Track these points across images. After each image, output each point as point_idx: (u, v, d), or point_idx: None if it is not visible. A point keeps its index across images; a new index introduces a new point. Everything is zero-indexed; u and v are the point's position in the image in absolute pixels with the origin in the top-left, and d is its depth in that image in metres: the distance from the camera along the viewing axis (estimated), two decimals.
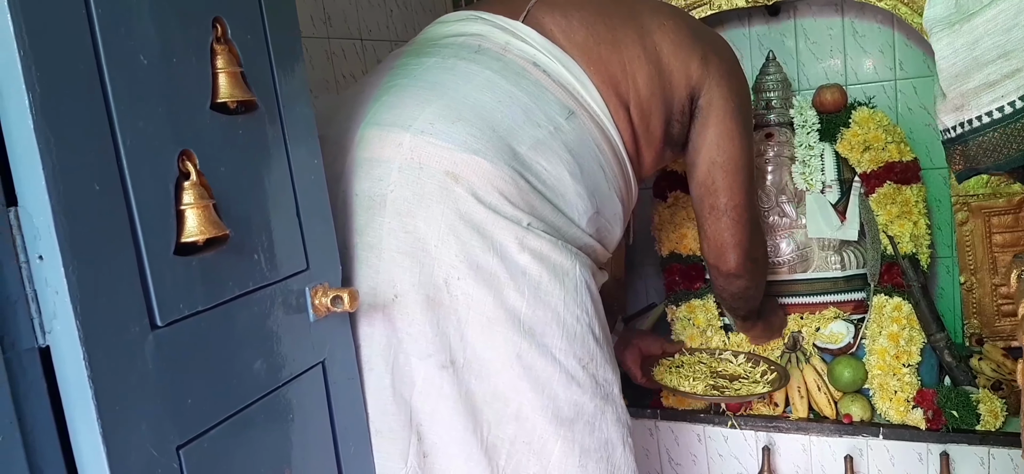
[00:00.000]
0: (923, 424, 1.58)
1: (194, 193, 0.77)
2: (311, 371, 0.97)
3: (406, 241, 1.07)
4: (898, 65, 1.89)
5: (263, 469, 0.88)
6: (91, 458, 0.69)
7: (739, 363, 1.78)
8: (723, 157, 1.42)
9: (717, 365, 1.78)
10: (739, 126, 1.43)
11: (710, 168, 1.43)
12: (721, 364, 1.79)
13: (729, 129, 1.41)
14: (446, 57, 1.24)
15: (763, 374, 1.72)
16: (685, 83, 1.39)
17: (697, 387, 1.67)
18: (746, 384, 1.70)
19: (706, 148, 1.43)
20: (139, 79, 0.73)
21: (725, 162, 1.42)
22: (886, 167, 1.76)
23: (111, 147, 0.70)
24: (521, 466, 1.12)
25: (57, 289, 0.66)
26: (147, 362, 0.73)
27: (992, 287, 1.78)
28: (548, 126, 1.19)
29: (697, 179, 1.46)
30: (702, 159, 1.44)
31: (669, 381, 1.71)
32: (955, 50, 1.08)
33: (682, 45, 1.38)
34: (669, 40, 1.37)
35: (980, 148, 1.09)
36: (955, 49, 1.08)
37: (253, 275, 0.87)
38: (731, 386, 1.69)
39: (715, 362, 1.80)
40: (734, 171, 1.43)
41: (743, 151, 1.44)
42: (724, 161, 1.42)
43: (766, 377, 1.70)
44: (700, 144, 1.43)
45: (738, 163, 1.43)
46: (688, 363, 1.80)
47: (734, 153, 1.43)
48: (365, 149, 1.11)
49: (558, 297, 1.12)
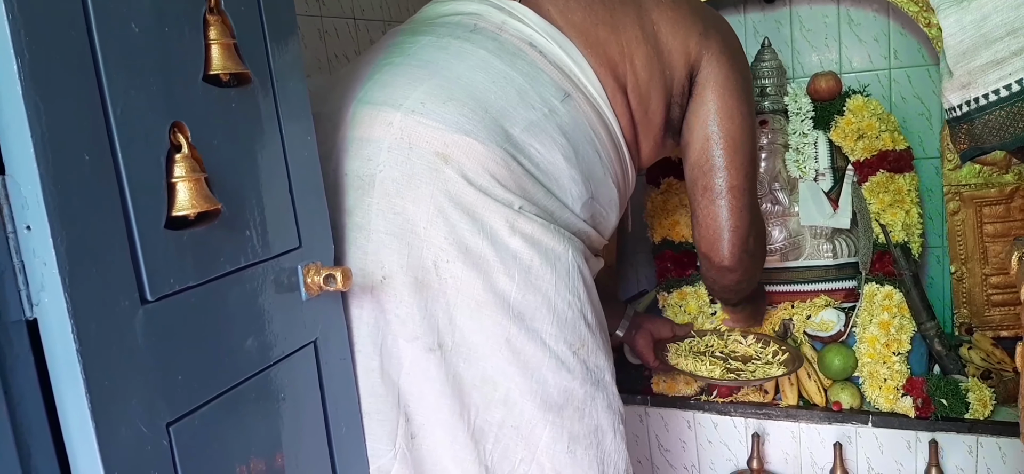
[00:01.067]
0: (912, 412, 1.59)
1: (186, 166, 0.75)
2: (303, 350, 0.96)
3: (395, 222, 1.06)
4: (892, 54, 1.90)
5: (254, 448, 0.87)
6: (79, 433, 0.68)
7: (749, 343, 1.77)
8: (719, 133, 1.35)
9: (727, 347, 1.77)
10: (739, 103, 1.36)
11: (705, 145, 1.36)
12: (731, 345, 1.77)
13: (728, 105, 1.35)
14: (441, 36, 1.22)
15: (775, 355, 1.70)
16: (684, 61, 1.34)
17: (714, 372, 1.65)
18: (760, 366, 1.68)
19: (701, 125, 1.36)
20: (131, 47, 0.71)
21: (722, 138, 1.35)
22: (879, 155, 1.76)
23: (101, 116, 0.68)
24: (509, 451, 1.11)
25: (45, 260, 0.65)
26: (137, 337, 0.71)
27: (982, 277, 1.79)
28: (543, 108, 1.17)
29: (691, 159, 1.39)
30: (697, 136, 1.37)
31: (685, 366, 1.67)
32: (963, 27, 1.07)
33: (681, 22, 1.33)
34: (668, 18, 1.33)
35: (986, 127, 1.08)
36: (963, 26, 1.07)
37: (245, 251, 0.85)
38: (746, 368, 1.68)
39: (724, 343, 1.78)
40: (732, 149, 1.36)
41: (743, 130, 1.37)
42: (721, 137, 1.35)
43: (778, 358, 1.69)
44: (694, 122, 1.36)
45: (737, 141, 1.36)
46: (699, 346, 1.78)
47: (732, 130, 1.35)
48: (356, 128, 1.10)
49: (549, 282, 1.11)
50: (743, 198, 1.38)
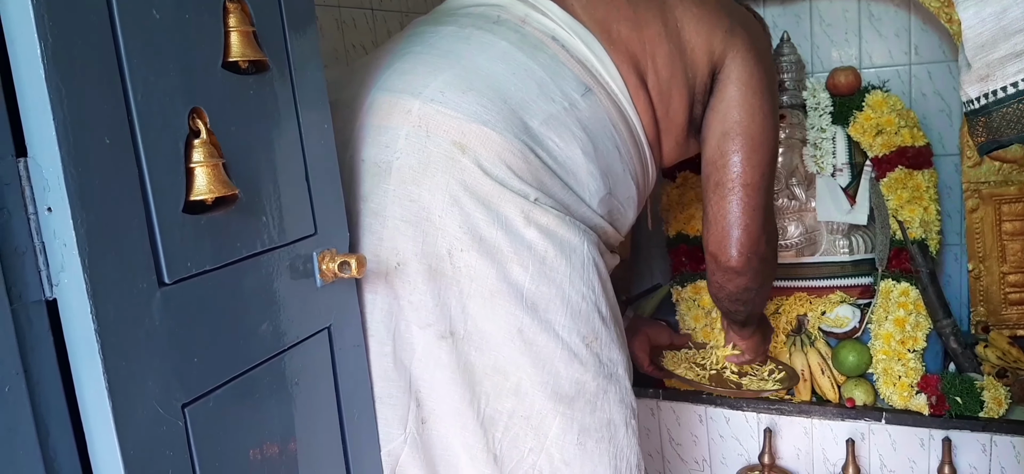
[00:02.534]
0: (926, 410, 1.58)
1: (204, 151, 0.76)
2: (317, 336, 0.97)
3: (410, 209, 1.07)
4: (913, 50, 1.88)
5: (267, 431, 0.88)
6: (96, 412, 0.69)
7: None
8: (738, 129, 1.30)
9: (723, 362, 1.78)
10: (762, 102, 1.31)
11: (722, 140, 1.31)
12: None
13: (749, 102, 1.30)
14: (463, 26, 1.22)
15: (771, 373, 1.71)
16: (707, 59, 1.30)
17: (703, 378, 1.65)
18: (754, 380, 1.69)
19: (719, 120, 1.31)
20: (151, 33, 0.72)
21: (739, 134, 1.30)
22: (898, 152, 1.75)
23: (122, 100, 0.69)
24: (518, 440, 1.11)
25: (65, 241, 0.66)
26: (154, 319, 0.73)
27: (1000, 275, 1.78)
28: (563, 102, 1.16)
29: (707, 155, 1.34)
30: (714, 131, 1.32)
31: (680, 371, 1.68)
32: (982, 19, 1.06)
33: (705, 19, 1.29)
34: (692, 14, 1.29)
35: (1004, 119, 1.07)
36: (982, 18, 1.06)
37: (261, 237, 0.86)
38: (741, 380, 1.68)
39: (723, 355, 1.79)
40: (749, 146, 1.30)
41: (763, 129, 1.31)
42: (739, 134, 1.30)
43: (774, 375, 1.69)
44: (713, 117, 1.32)
45: (755, 140, 1.30)
46: (696, 357, 1.79)
47: (752, 128, 1.30)
48: (374, 115, 1.11)
49: (564, 273, 1.11)
50: (757, 196, 1.32)
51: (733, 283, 1.39)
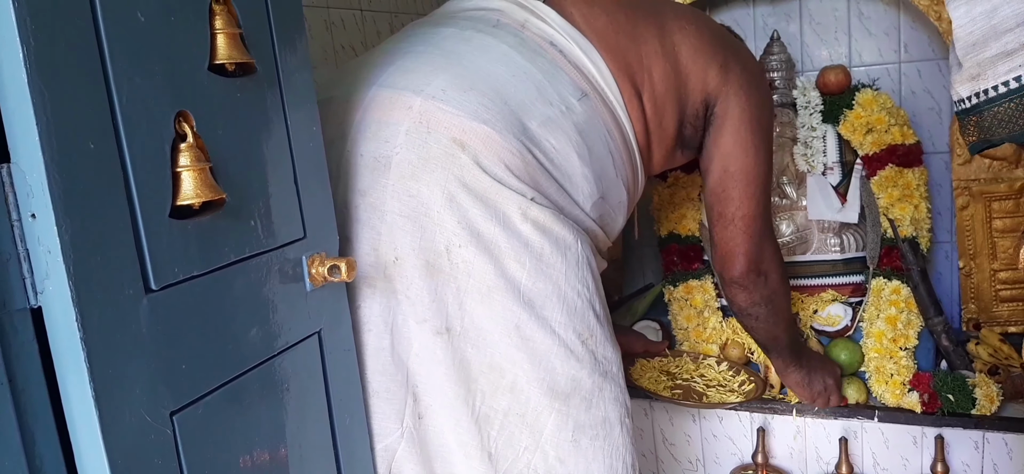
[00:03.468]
0: (918, 407, 1.58)
1: (191, 155, 0.75)
2: (307, 341, 0.96)
3: (409, 204, 1.07)
4: (903, 48, 1.88)
5: (258, 437, 0.87)
6: (83, 421, 0.68)
7: (720, 370, 1.78)
8: (735, 167, 1.39)
9: (696, 369, 1.79)
10: (755, 137, 1.40)
11: (722, 177, 1.41)
12: (701, 368, 1.80)
13: (743, 140, 1.38)
14: (463, 28, 1.24)
15: (741, 384, 1.72)
16: (701, 90, 1.37)
17: (666, 389, 1.70)
18: (720, 392, 1.70)
19: (719, 157, 1.40)
20: (136, 36, 0.71)
21: (737, 172, 1.39)
22: (888, 150, 1.75)
23: (106, 105, 0.68)
24: (513, 438, 1.11)
25: (50, 248, 0.65)
26: (141, 325, 0.72)
27: (991, 272, 1.78)
28: (560, 105, 1.18)
29: (709, 187, 1.44)
30: (715, 168, 1.41)
31: (643, 382, 1.73)
32: (973, 18, 1.07)
33: (702, 51, 1.35)
34: (689, 44, 1.35)
35: (995, 118, 1.08)
36: (973, 17, 1.07)
37: (250, 241, 0.85)
38: (706, 393, 1.70)
39: (696, 366, 1.80)
40: (745, 182, 1.40)
41: (758, 163, 1.40)
42: (736, 171, 1.39)
43: (743, 387, 1.71)
44: (714, 153, 1.41)
45: (751, 174, 1.40)
46: (667, 364, 1.82)
47: (747, 164, 1.39)
48: (375, 110, 1.11)
49: (560, 270, 1.12)
50: (754, 224, 1.42)
51: (740, 297, 1.49)
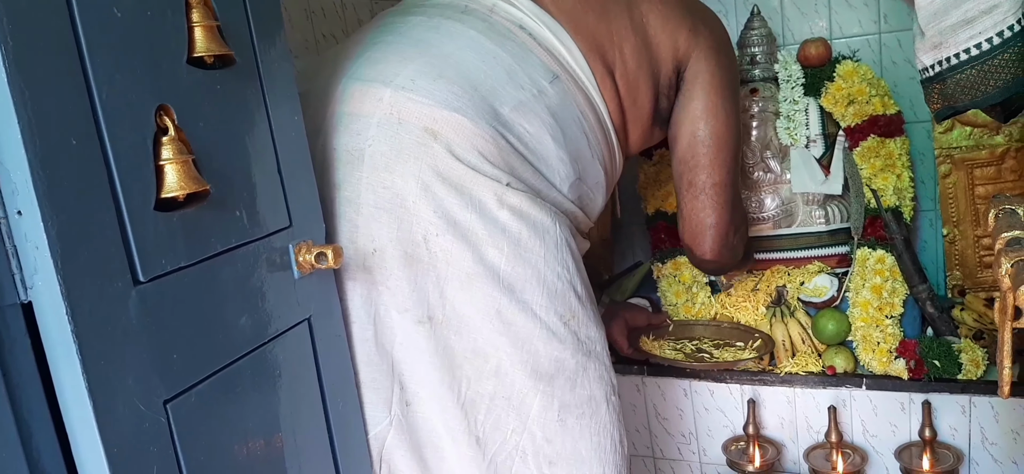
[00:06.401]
0: (905, 374, 1.60)
1: (173, 148, 0.76)
2: (297, 328, 0.97)
3: (384, 196, 1.08)
4: (882, 18, 1.89)
5: (251, 424, 0.89)
6: (78, 412, 0.69)
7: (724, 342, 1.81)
8: (705, 131, 1.39)
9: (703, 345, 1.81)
10: (725, 101, 1.39)
11: (691, 142, 1.40)
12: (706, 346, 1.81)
13: (713, 104, 1.38)
14: (432, 16, 1.24)
15: (748, 343, 1.74)
16: (672, 55, 1.36)
17: (679, 356, 1.72)
18: (732, 351, 1.73)
19: (688, 121, 1.39)
20: (113, 32, 0.72)
21: (707, 136, 1.39)
22: (870, 120, 1.77)
23: (87, 101, 0.69)
24: (500, 422, 1.13)
25: (37, 244, 0.66)
26: (131, 317, 0.73)
27: (975, 239, 1.80)
28: (531, 88, 1.18)
29: (677, 154, 1.43)
30: (684, 132, 1.40)
31: (655, 349, 1.75)
32: None
33: (670, 17, 1.35)
34: (657, 12, 1.35)
35: (958, 86, 1.09)
36: None
37: (235, 231, 0.87)
38: (716, 353, 1.72)
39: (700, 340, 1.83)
40: (716, 147, 1.39)
41: (727, 128, 1.40)
42: (706, 136, 1.39)
43: (751, 344, 1.73)
44: (682, 117, 1.40)
45: (721, 139, 1.40)
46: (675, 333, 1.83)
47: (717, 128, 1.39)
48: (346, 104, 1.11)
49: (539, 254, 1.13)
50: (725, 193, 1.43)
51: (710, 266, 1.56)
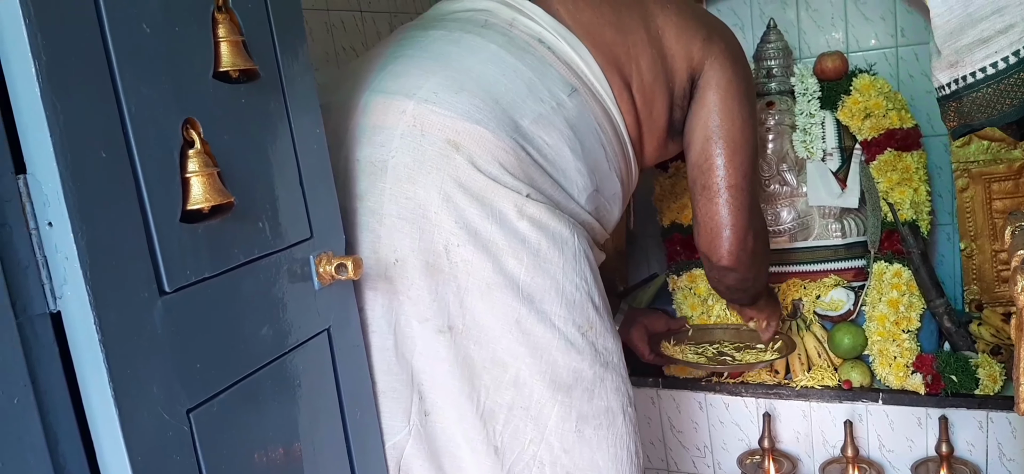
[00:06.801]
0: (922, 389, 1.60)
1: (199, 161, 0.78)
2: (317, 338, 0.98)
3: (406, 206, 1.09)
4: (899, 32, 1.89)
5: (272, 433, 0.90)
6: (104, 420, 0.70)
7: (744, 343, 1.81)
8: (719, 133, 1.38)
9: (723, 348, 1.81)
10: (740, 106, 1.39)
11: (705, 144, 1.39)
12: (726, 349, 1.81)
13: (727, 107, 1.37)
14: (452, 30, 1.26)
15: (771, 343, 1.74)
16: (686, 65, 1.37)
17: (702, 359, 1.71)
18: (753, 353, 1.72)
19: (701, 125, 1.38)
20: (142, 47, 0.74)
21: (721, 138, 1.38)
22: (887, 134, 1.76)
23: (116, 114, 0.71)
24: (519, 432, 1.13)
25: (67, 255, 0.67)
26: (156, 327, 0.74)
27: (992, 253, 1.79)
28: (550, 101, 1.20)
29: (692, 159, 1.42)
30: (698, 136, 1.39)
31: (677, 354, 1.75)
32: (950, 7, 1.09)
33: (685, 29, 1.36)
34: (672, 24, 1.36)
35: (974, 104, 1.10)
36: (949, 5, 1.09)
37: (258, 243, 0.88)
38: (738, 355, 1.72)
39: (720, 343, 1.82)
40: (731, 149, 1.38)
41: (742, 132, 1.39)
42: (720, 137, 1.38)
43: (772, 345, 1.73)
44: (695, 123, 1.39)
45: (736, 142, 1.38)
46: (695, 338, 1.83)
47: (732, 131, 1.38)
48: (369, 116, 1.13)
49: (557, 264, 1.13)
50: (741, 197, 1.40)
51: (728, 278, 1.49)
